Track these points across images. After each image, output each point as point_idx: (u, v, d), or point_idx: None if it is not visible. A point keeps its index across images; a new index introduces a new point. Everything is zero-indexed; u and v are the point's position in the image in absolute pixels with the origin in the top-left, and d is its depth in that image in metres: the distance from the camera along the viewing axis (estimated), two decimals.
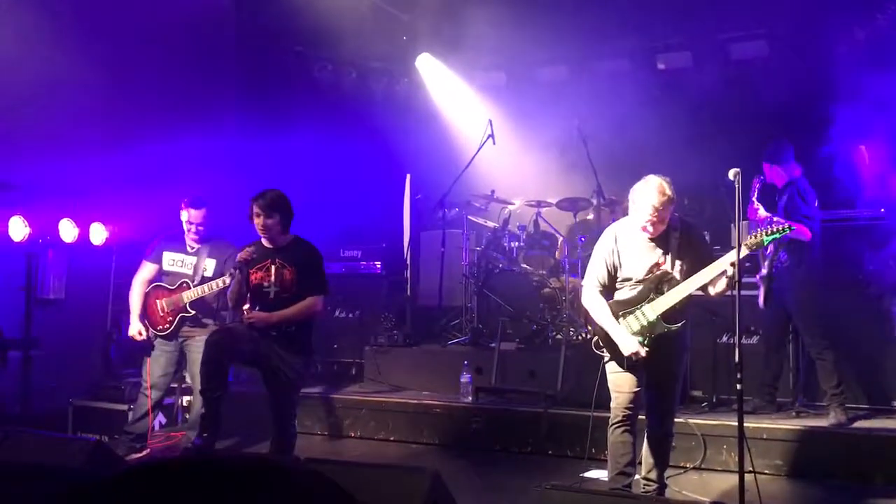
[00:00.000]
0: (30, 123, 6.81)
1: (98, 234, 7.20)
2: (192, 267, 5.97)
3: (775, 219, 5.74)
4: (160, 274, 6.06)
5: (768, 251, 5.95)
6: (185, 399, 7.09)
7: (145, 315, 6.05)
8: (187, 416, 6.62)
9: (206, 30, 8.50)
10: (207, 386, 4.94)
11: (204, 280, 5.88)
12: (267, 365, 5.13)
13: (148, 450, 6.19)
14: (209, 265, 5.93)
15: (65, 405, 6.94)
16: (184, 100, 8.05)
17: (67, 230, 6.98)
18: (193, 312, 5.92)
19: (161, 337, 6.01)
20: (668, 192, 4.39)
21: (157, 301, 6.00)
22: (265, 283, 5.15)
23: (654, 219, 4.39)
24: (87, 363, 7.36)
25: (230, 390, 5.23)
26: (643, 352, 4.41)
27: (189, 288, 5.89)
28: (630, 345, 4.44)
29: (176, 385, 6.86)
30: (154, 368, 6.04)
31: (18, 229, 6.62)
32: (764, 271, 6.02)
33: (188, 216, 5.95)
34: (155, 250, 6.10)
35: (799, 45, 8.14)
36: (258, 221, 5.13)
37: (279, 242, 5.21)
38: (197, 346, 5.81)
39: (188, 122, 7.90)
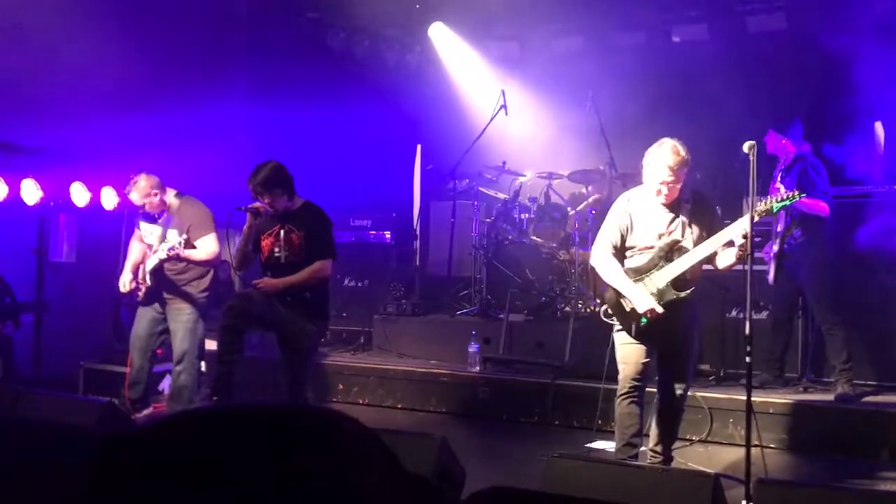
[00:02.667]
0: (43, 88, 6.80)
1: (109, 198, 7.21)
2: (156, 237, 5.82)
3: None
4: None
5: (778, 229, 5.91)
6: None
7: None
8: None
9: None
10: (224, 350, 4.96)
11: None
12: (283, 330, 5.16)
13: (150, 409, 6.11)
14: (171, 236, 5.67)
15: (75, 368, 7.00)
16: (197, 66, 8.02)
17: (79, 194, 7.00)
18: (149, 283, 5.75)
19: (140, 304, 5.94)
20: (683, 152, 4.36)
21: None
22: (275, 250, 5.16)
23: (670, 179, 4.35)
24: (97, 326, 7.41)
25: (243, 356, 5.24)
26: (659, 309, 4.38)
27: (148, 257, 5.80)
28: (645, 301, 4.39)
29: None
30: (136, 327, 5.95)
31: (31, 192, 6.64)
32: (775, 248, 5.98)
33: (131, 199, 5.83)
34: (137, 217, 6.04)
35: (818, 17, 8.03)
36: (264, 200, 5.12)
37: (289, 208, 5.21)
38: (174, 316, 5.81)
39: (200, 88, 7.88)
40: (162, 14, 7.70)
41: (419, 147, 9.31)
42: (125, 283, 5.92)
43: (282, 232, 5.16)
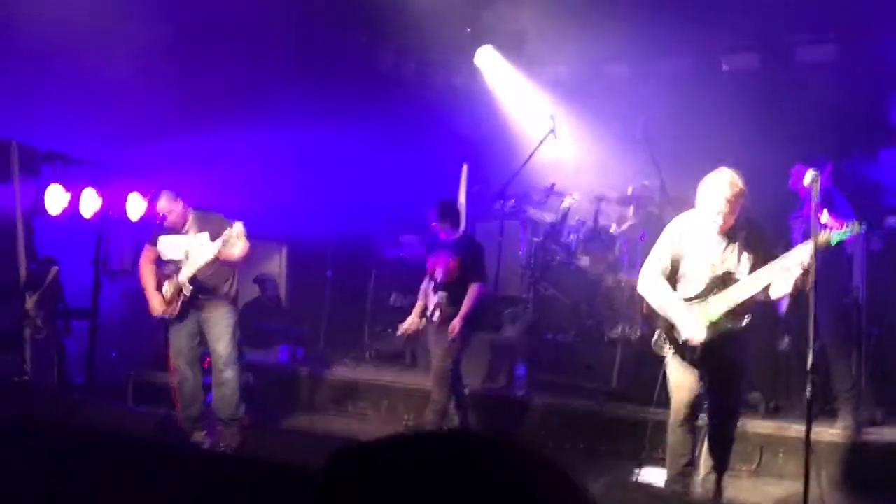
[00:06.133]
0: (105, 106, 6.96)
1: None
2: (184, 247, 5.88)
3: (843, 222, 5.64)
4: (160, 259, 6.02)
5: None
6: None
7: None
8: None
9: (271, 18, 8.60)
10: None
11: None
12: None
13: (205, 432, 6.03)
14: (202, 238, 5.78)
15: (125, 377, 7.11)
16: (250, 86, 8.17)
17: (136, 205, 7.14)
18: (191, 289, 5.78)
19: (174, 320, 5.93)
20: (740, 184, 4.36)
21: (162, 286, 5.96)
22: (436, 269, 6.10)
23: (726, 210, 4.34)
24: (149, 336, 7.52)
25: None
26: (700, 338, 4.37)
27: (181, 269, 5.83)
28: (691, 327, 4.39)
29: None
30: (176, 343, 5.98)
31: (90, 202, 6.79)
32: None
33: (158, 209, 5.93)
34: (154, 234, 6.09)
35: (868, 49, 7.99)
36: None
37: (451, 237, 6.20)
38: (214, 321, 5.84)
39: (254, 108, 8.02)
40: (218, 37, 7.85)
41: (465, 167, 9.36)
42: (156, 308, 5.93)
43: (443, 255, 6.10)
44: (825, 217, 5.85)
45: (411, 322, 6.30)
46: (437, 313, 6.07)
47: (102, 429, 4.48)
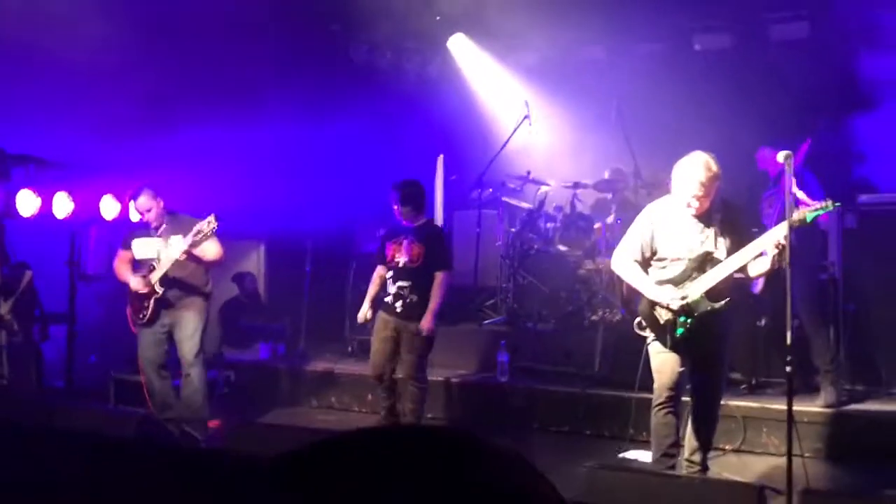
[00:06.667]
0: (74, 104, 6.87)
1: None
2: (156, 248, 5.79)
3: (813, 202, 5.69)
4: (134, 262, 5.93)
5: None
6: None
7: (128, 303, 5.94)
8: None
9: (244, 10, 8.52)
10: None
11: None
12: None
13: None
14: (175, 241, 5.63)
15: (106, 379, 7.05)
16: (224, 81, 8.08)
17: (109, 207, 7.06)
18: (162, 291, 5.70)
19: (143, 325, 5.83)
20: (714, 167, 4.38)
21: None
22: (396, 255, 5.76)
23: (701, 193, 4.36)
24: (127, 337, 7.46)
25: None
26: (676, 304, 4.40)
27: (154, 269, 5.74)
28: (665, 293, 4.44)
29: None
30: (142, 349, 5.89)
31: (63, 205, 6.71)
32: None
33: (137, 207, 5.84)
34: (125, 238, 6.02)
35: (841, 26, 8.04)
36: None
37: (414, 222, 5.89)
38: (184, 323, 5.77)
39: (228, 103, 7.94)
40: (188, 31, 7.76)
41: (441, 157, 9.34)
42: (137, 284, 5.75)
43: (405, 241, 5.78)
44: (800, 194, 5.90)
45: (364, 313, 6.01)
46: (398, 303, 5.74)
47: (82, 431, 4.44)
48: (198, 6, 7.53)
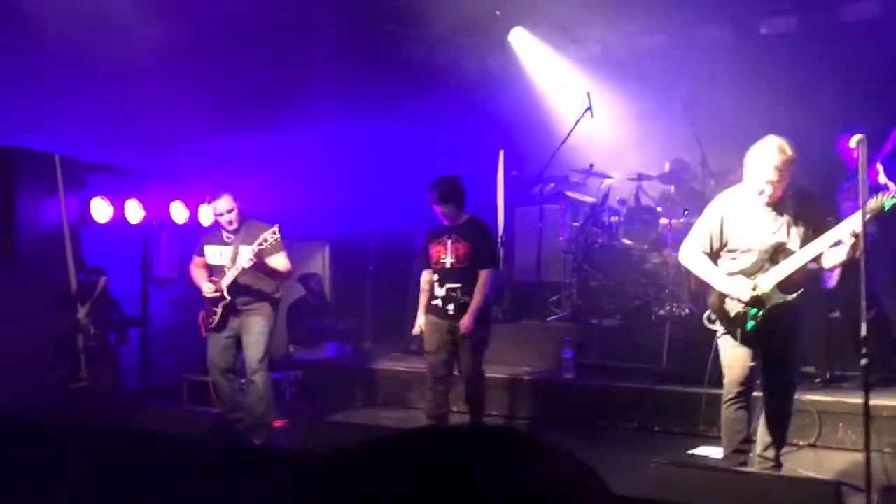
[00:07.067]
0: (144, 113, 7.07)
1: (207, 215, 7.45)
2: (226, 255, 5.86)
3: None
4: (209, 266, 6.01)
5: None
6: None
7: (202, 307, 6.04)
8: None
9: (300, 14, 8.64)
10: None
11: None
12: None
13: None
14: (243, 251, 5.67)
15: (179, 380, 7.25)
16: (283, 85, 8.23)
17: (179, 212, 7.26)
18: (229, 298, 5.77)
19: (212, 331, 5.93)
20: (789, 151, 4.22)
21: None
22: (442, 256, 5.60)
23: (775, 178, 4.21)
24: (199, 339, 7.65)
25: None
26: (747, 296, 4.27)
27: (225, 275, 5.81)
28: (737, 286, 4.30)
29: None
30: (211, 353, 5.99)
31: (134, 212, 6.93)
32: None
33: (215, 210, 5.87)
34: (200, 245, 6.10)
35: None
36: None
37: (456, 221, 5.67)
38: (249, 328, 5.83)
39: (288, 107, 8.08)
40: (245, 37, 7.89)
41: (501, 153, 9.30)
42: (207, 289, 5.89)
43: (449, 242, 5.59)
44: (882, 178, 5.64)
45: (420, 325, 5.79)
46: (450, 306, 5.55)
47: (155, 431, 4.57)
48: (254, 11, 7.68)
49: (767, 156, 4.19)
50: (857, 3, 8.14)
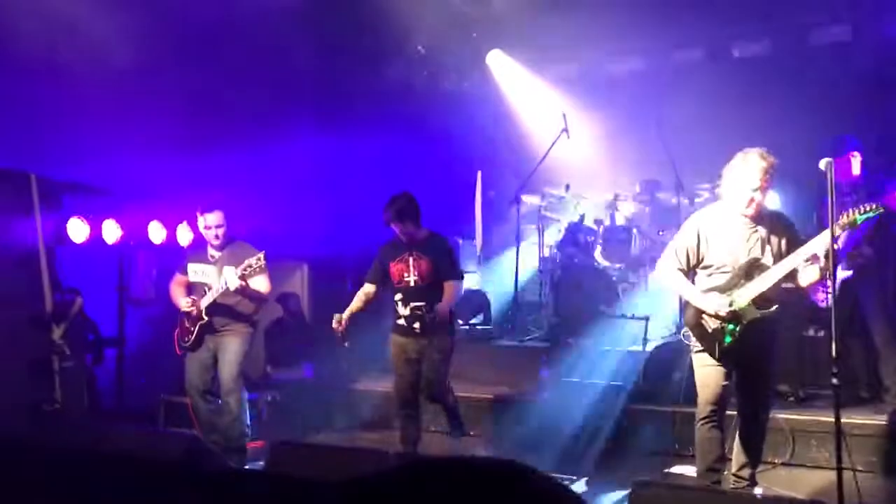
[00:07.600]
0: (121, 133, 7.06)
1: (185, 235, 7.43)
2: (212, 276, 5.86)
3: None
4: (189, 284, 6.00)
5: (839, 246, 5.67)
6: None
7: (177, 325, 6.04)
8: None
9: (278, 32, 8.66)
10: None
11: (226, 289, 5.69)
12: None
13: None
14: (228, 272, 5.65)
15: (156, 401, 7.18)
16: (259, 104, 8.24)
17: (156, 232, 7.23)
18: (206, 319, 5.79)
19: (188, 349, 5.93)
20: (771, 157, 4.32)
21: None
22: (405, 275, 5.50)
23: (763, 184, 4.28)
24: (176, 360, 7.61)
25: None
26: (724, 311, 4.34)
27: (205, 294, 5.81)
28: (713, 301, 4.37)
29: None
30: (189, 373, 5.97)
31: (111, 232, 6.89)
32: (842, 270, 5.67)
33: (205, 222, 5.86)
34: (184, 262, 6.08)
35: (884, 29, 7.88)
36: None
37: (416, 237, 5.59)
38: (226, 348, 5.82)
39: (264, 126, 8.08)
40: (220, 55, 7.91)
41: (479, 174, 9.37)
42: (186, 305, 5.88)
43: (411, 259, 5.51)
44: (856, 169, 5.62)
45: (339, 318, 5.77)
46: (417, 324, 5.51)
47: (128, 454, 4.52)
48: (231, 29, 7.70)
49: (752, 163, 4.28)
50: (828, 26, 8.32)
